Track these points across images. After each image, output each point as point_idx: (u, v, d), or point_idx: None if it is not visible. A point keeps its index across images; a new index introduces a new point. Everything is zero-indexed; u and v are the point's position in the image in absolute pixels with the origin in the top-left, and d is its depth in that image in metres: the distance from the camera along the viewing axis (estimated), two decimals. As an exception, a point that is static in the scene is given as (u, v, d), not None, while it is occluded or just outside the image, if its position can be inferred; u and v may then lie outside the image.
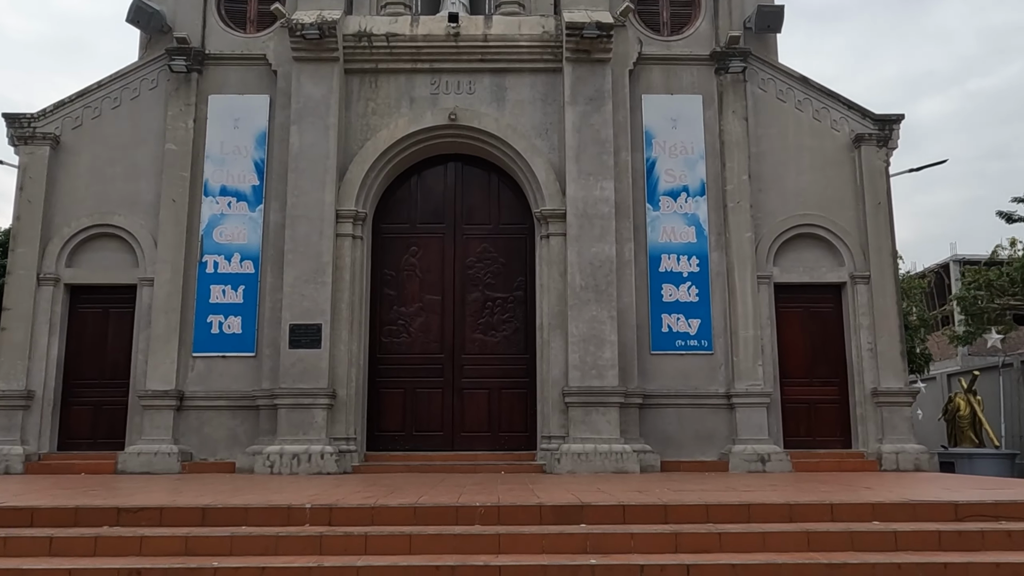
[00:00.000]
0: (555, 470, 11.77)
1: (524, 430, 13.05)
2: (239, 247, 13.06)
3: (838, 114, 13.60)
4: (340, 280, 12.64)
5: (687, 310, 12.98)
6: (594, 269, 12.49)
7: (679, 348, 12.90)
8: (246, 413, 12.65)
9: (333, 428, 12.27)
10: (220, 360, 12.78)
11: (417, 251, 13.50)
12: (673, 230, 13.19)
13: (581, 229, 12.61)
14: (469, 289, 13.41)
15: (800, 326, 13.36)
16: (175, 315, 12.72)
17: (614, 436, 12.02)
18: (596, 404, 12.09)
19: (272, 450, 11.87)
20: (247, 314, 12.89)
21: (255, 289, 12.94)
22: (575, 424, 12.08)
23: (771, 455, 12.26)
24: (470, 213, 13.63)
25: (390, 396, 13.15)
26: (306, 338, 12.30)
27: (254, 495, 7.75)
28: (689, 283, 13.05)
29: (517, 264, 13.50)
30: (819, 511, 6.80)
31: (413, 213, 13.66)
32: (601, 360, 12.24)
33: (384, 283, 13.45)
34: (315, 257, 12.52)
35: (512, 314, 13.34)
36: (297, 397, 12.10)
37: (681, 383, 12.80)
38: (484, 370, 13.17)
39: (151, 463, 12.14)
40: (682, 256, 13.12)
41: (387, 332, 13.31)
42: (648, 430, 12.60)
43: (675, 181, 13.31)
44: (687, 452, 12.62)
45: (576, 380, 12.18)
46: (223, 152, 13.27)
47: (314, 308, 12.39)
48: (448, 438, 13.01)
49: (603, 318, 12.36)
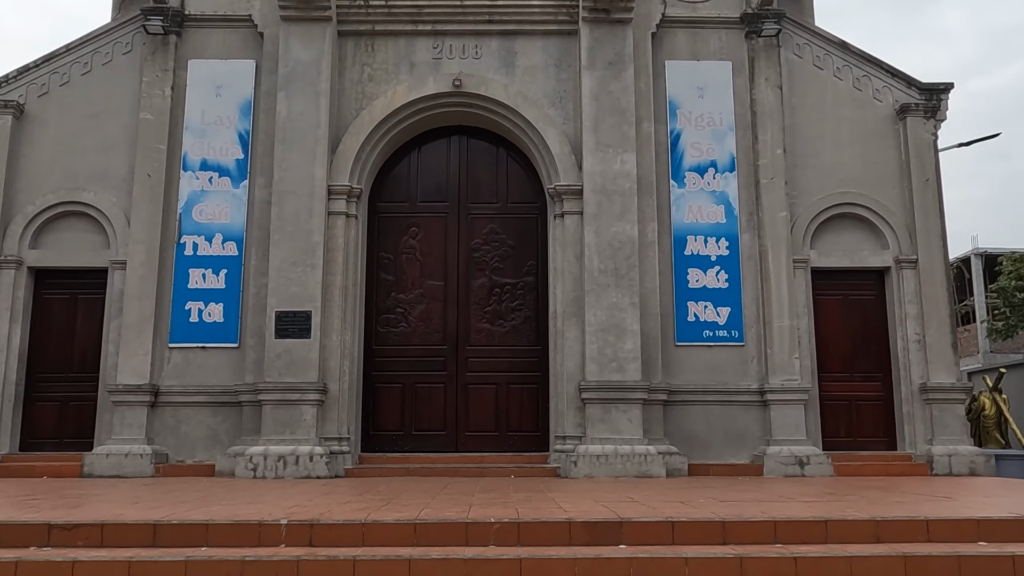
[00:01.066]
0: (571, 474, 10.45)
1: (535, 429, 11.74)
2: (221, 227, 11.73)
3: (880, 83, 12.29)
4: (332, 263, 11.33)
5: (715, 297, 11.67)
6: (614, 251, 11.17)
7: (707, 339, 11.59)
8: (228, 410, 11.33)
9: (324, 427, 10.96)
10: (199, 351, 11.46)
11: (417, 232, 12.18)
12: (700, 209, 11.87)
13: (599, 207, 11.30)
14: (475, 274, 12.09)
15: (839, 315, 12.04)
16: (149, 301, 11.39)
17: (636, 436, 10.70)
18: (616, 401, 10.78)
19: (255, 451, 10.55)
20: (229, 301, 11.56)
21: (238, 273, 11.61)
22: (593, 423, 10.77)
23: (810, 458, 10.94)
24: (476, 190, 12.32)
25: (387, 392, 11.83)
26: (294, 327, 10.98)
27: (223, 506, 6.44)
28: (718, 267, 11.73)
29: (528, 246, 12.18)
30: (911, 528, 5.49)
31: (413, 190, 12.35)
32: (622, 352, 10.93)
33: (381, 267, 12.14)
34: (304, 237, 11.20)
35: (522, 301, 12.03)
36: (283, 392, 10.78)
37: (709, 378, 11.48)
38: (491, 363, 11.85)
39: (121, 465, 10.81)
40: (710, 238, 11.81)
41: (384, 321, 11.99)
42: (673, 429, 11.29)
43: (702, 155, 12.00)
44: (716, 454, 11.31)
45: (594, 374, 10.88)
46: (204, 122, 11.94)
47: (303, 293, 11.07)
48: (451, 438, 11.70)
49: (624, 305, 11.05)
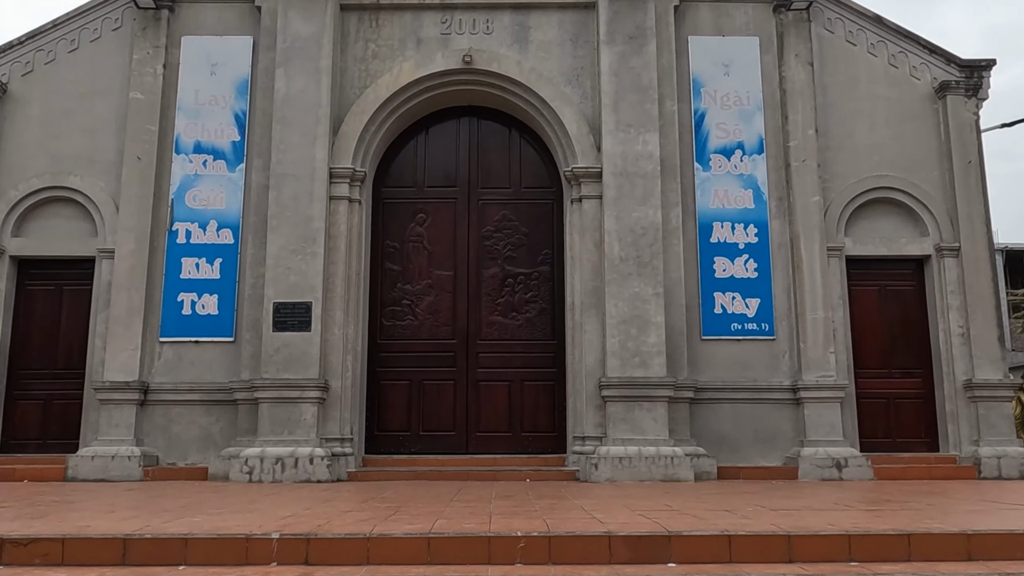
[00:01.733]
0: (591, 478, 9.64)
1: (551, 430, 10.93)
2: (216, 213, 10.94)
3: (918, 59, 11.47)
4: (334, 251, 10.53)
5: (744, 288, 10.86)
6: (636, 237, 10.36)
7: (735, 332, 10.77)
8: (223, 409, 10.53)
9: (325, 427, 10.16)
10: (192, 346, 10.67)
11: (425, 219, 11.39)
12: (726, 194, 11.06)
13: (620, 190, 10.49)
14: (486, 263, 11.28)
15: (876, 307, 11.21)
16: (139, 293, 10.61)
17: (661, 437, 9.89)
18: (640, 398, 9.97)
19: (251, 453, 9.76)
20: (225, 292, 10.77)
21: (234, 262, 10.82)
22: (614, 422, 9.96)
23: (848, 460, 10.11)
24: (487, 175, 11.52)
25: (393, 389, 11.03)
26: (293, 319, 10.19)
27: (209, 515, 5.64)
28: (746, 256, 10.92)
29: (542, 234, 11.37)
30: (1009, 544, 4.68)
31: (420, 175, 11.54)
32: (645, 346, 10.12)
33: (386, 256, 11.34)
34: (304, 223, 10.41)
35: (537, 292, 11.22)
36: (281, 389, 9.98)
37: (738, 374, 10.67)
38: (504, 359, 11.05)
39: (107, 468, 10.01)
40: (737, 224, 11.00)
41: (389, 314, 11.20)
42: (699, 430, 10.47)
43: (728, 136, 11.18)
44: (745, 456, 10.49)
45: (615, 370, 10.07)
46: (198, 102, 11.15)
47: (303, 284, 10.28)
48: (461, 439, 10.90)
49: (647, 295, 10.24)
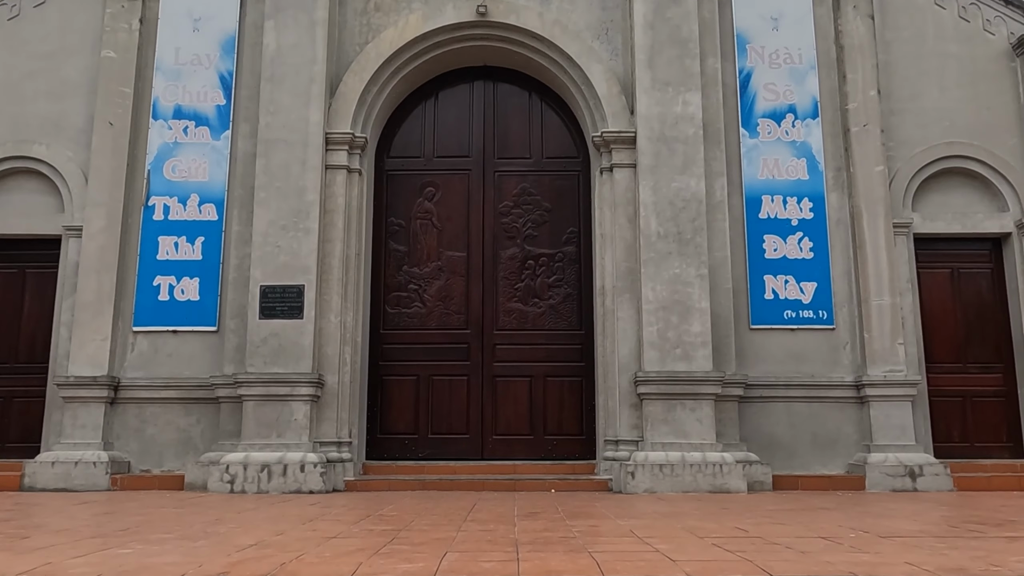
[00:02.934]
0: (628, 488, 8.22)
1: (579, 432, 9.51)
2: (198, 186, 9.58)
3: (992, 12, 10.00)
4: (330, 227, 9.15)
5: (798, 270, 9.42)
6: (676, 211, 8.94)
7: (788, 321, 9.32)
8: (204, 408, 9.15)
9: (319, 429, 8.77)
10: (170, 336, 9.30)
11: (434, 193, 9.99)
12: (777, 163, 9.62)
13: (657, 157, 9.07)
14: (503, 243, 9.88)
15: (948, 292, 9.74)
16: (110, 276, 9.24)
17: (708, 440, 8.46)
18: (682, 396, 8.54)
19: (233, 459, 8.37)
20: (207, 275, 9.40)
21: (218, 241, 9.45)
22: (653, 424, 8.54)
23: (923, 468, 8.64)
24: (504, 143, 10.11)
25: (397, 386, 9.63)
26: (282, 304, 8.81)
27: (146, 545, 4.22)
28: (800, 234, 9.48)
29: (567, 209, 9.96)
30: None
31: (429, 144, 10.15)
32: (688, 335, 8.69)
33: (390, 235, 9.95)
34: (296, 195, 9.03)
35: (561, 276, 9.81)
36: (269, 385, 8.59)
37: (792, 368, 9.23)
38: (524, 351, 9.64)
39: (69, 476, 8.64)
40: (790, 198, 9.56)
41: (394, 300, 9.81)
42: (749, 432, 9.04)
43: (778, 99, 9.75)
44: (803, 462, 9.04)
45: (654, 363, 8.65)
46: (179, 62, 9.80)
47: (294, 264, 8.89)
48: (476, 443, 9.49)
49: (690, 277, 8.81)
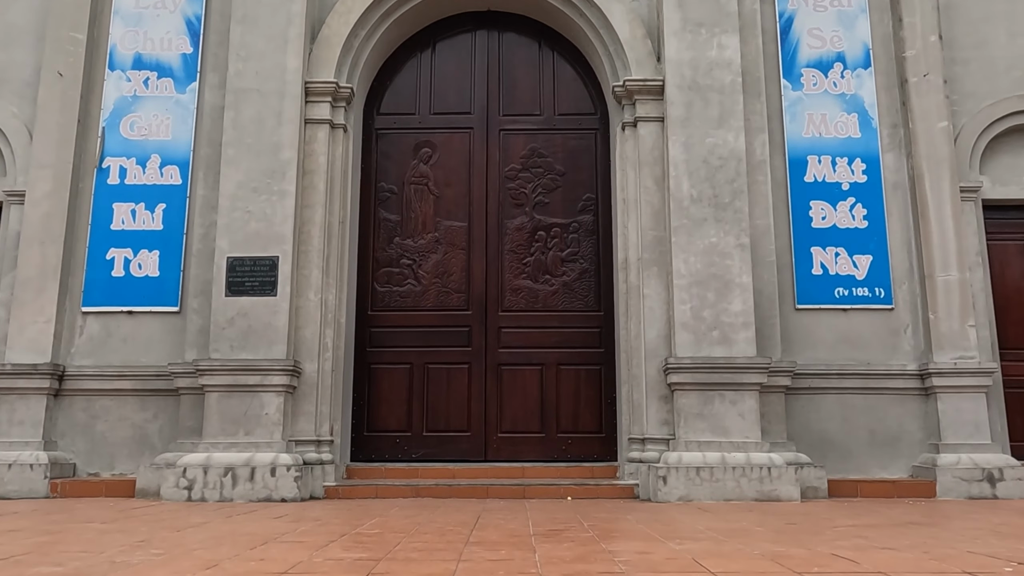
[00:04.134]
0: (659, 496, 6.88)
1: (597, 429, 8.19)
2: (159, 145, 8.25)
3: (1070, -52, 8.68)
4: (310, 191, 7.82)
5: (850, 241, 8.08)
6: (712, 170, 7.61)
7: (840, 300, 8.00)
8: (163, 401, 7.83)
9: (295, 425, 7.44)
10: (125, 318, 7.98)
11: (431, 155, 8.66)
12: (824, 120, 8.29)
13: (690, 109, 7.73)
14: (510, 211, 8.55)
15: (1022, 267, 8.44)
16: (55, 248, 7.92)
17: (752, 438, 7.13)
18: (722, 387, 7.20)
19: (192, 461, 7.04)
20: (169, 247, 8.08)
21: (182, 208, 8.13)
22: (687, 419, 7.20)
23: (1004, 471, 7.29)
24: (511, 98, 8.78)
25: (388, 375, 8.31)
26: (253, 279, 7.47)
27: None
28: (852, 200, 8.15)
29: (583, 172, 8.62)
30: None
31: (425, 99, 8.82)
32: (727, 315, 7.36)
33: (380, 202, 8.62)
34: (270, 152, 7.69)
35: (576, 248, 8.48)
36: (236, 374, 7.26)
37: (845, 354, 7.90)
38: (533, 335, 8.32)
39: (2, 481, 7.32)
40: (839, 159, 8.22)
41: (384, 277, 8.48)
42: (796, 429, 7.72)
43: (824, 46, 8.42)
44: (859, 464, 7.71)
45: (687, 347, 7.31)
46: (139, 5, 8.46)
47: (267, 232, 7.56)
48: (478, 442, 8.16)
49: (728, 247, 7.48)
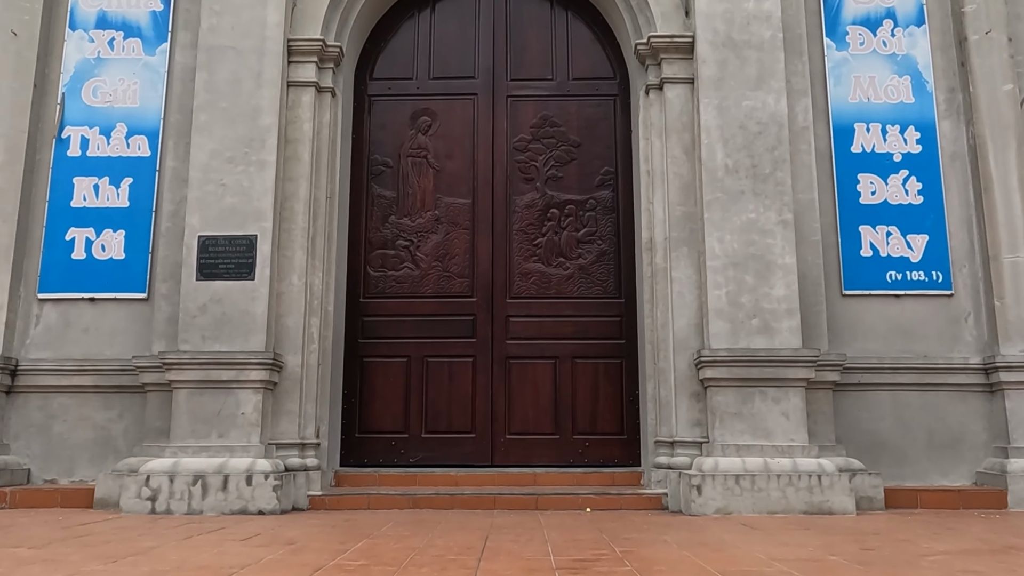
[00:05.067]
0: (693, 507, 5.94)
1: (618, 430, 7.23)
2: (126, 113, 7.32)
3: None
4: (293, 162, 6.88)
5: (903, 218, 7.12)
6: (749, 138, 6.65)
7: (892, 285, 7.04)
8: (129, 399, 6.89)
9: (276, 426, 6.51)
10: (87, 306, 7.05)
11: (430, 124, 7.72)
12: (872, 83, 7.33)
13: (724, 68, 6.78)
14: (519, 187, 7.61)
15: (1095, 249, 7.47)
16: (8, 227, 6.98)
17: (798, 441, 6.18)
18: (763, 382, 6.25)
19: (157, 468, 6.10)
20: (136, 226, 7.14)
21: (151, 183, 7.19)
22: (723, 419, 6.25)
23: (1084, 477, 6.40)
24: (520, 61, 7.83)
25: (383, 370, 7.36)
26: (227, 261, 6.54)
27: None
28: (904, 172, 7.19)
29: (601, 143, 7.67)
30: None
31: (424, 62, 7.87)
32: (768, 300, 6.41)
33: (374, 176, 7.68)
34: (247, 118, 6.75)
35: (594, 227, 7.53)
36: (208, 368, 6.33)
37: (899, 346, 6.94)
38: (546, 325, 7.37)
39: (-58, 489, 6.43)
40: (890, 127, 7.26)
41: (378, 260, 7.54)
42: (845, 430, 6.76)
43: (872, 1, 7.44)
44: (915, 470, 6.75)
45: (723, 338, 6.36)
46: (102, -43, 7.57)
47: (243, 208, 6.62)
48: (484, 444, 7.22)
49: (769, 224, 6.53)
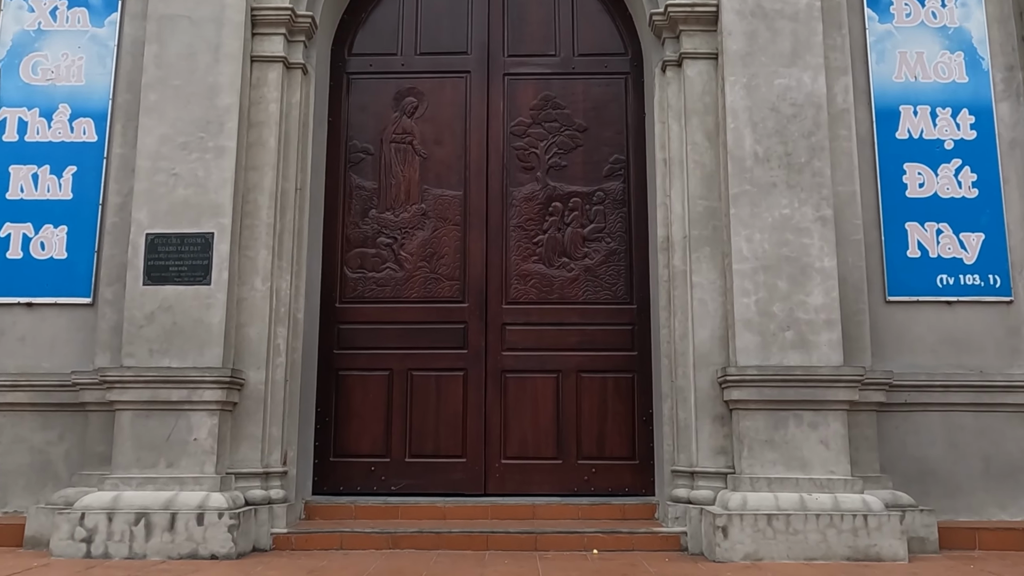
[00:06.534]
0: (718, 552, 5.05)
1: (629, 454, 6.33)
2: (70, 92, 6.40)
3: None
4: (258, 148, 5.96)
5: (956, 214, 6.21)
6: (783, 121, 5.73)
7: (943, 290, 6.13)
8: (71, 419, 5.98)
9: (235, 453, 5.61)
10: (23, 312, 6.14)
11: (417, 105, 6.78)
12: (920, 60, 6.41)
13: (753, 41, 5.85)
14: (517, 177, 6.68)
15: None
16: (-66, 222, 6.14)
17: (840, 474, 5.28)
18: (799, 405, 5.35)
19: (94, 504, 5.19)
20: (80, 221, 6.23)
21: (98, 172, 6.28)
22: (752, 448, 5.36)
23: None
24: (518, 35, 6.89)
25: (361, 385, 6.45)
26: (179, 262, 5.62)
27: None
28: (957, 161, 6.27)
29: (610, 127, 6.73)
30: None
31: (409, 35, 6.93)
32: (805, 310, 5.50)
33: (352, 165, 6.75)
34: (204, 97, 5.83)
35: (602, 223, 6.61)
36: (155, 387, 5.43)
37: (950, 359, 6.02)
38: (547, 334, 6.46)
39: None
40: (940, 109, 6.34)
41: (356, 260, 6.62)
42: (888, 456, 5.87)
43: (919, -33, 6.56)
44: (969, 503, 5.85)
45: (752, 353, 5.44)
46: (45, -84, 6.64)
47: (199, 201, 5.71)
48: (476, 470, 6.31)
49: (805, 221, 5.61)
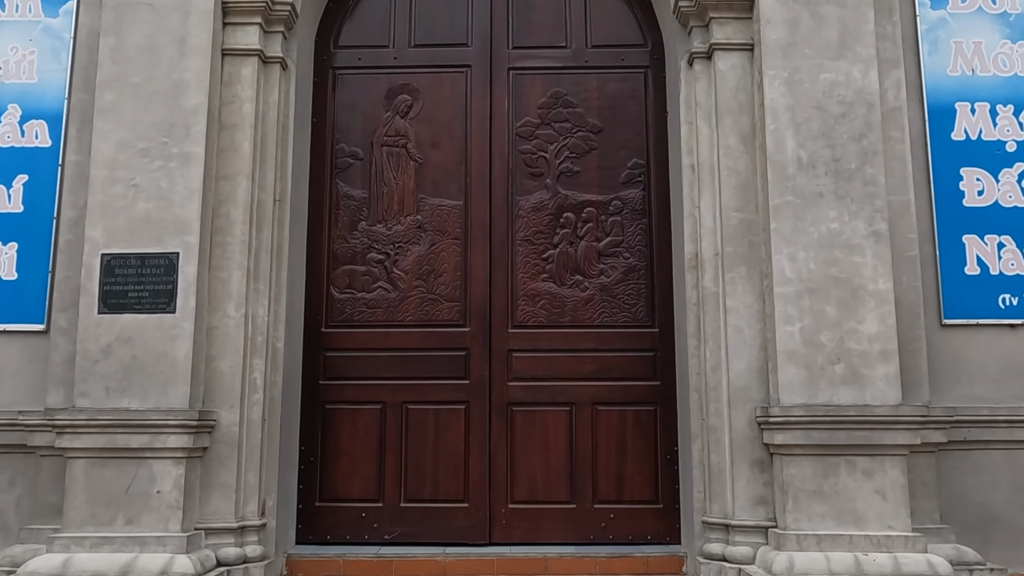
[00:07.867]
0: (761, 625, 4.37)
1: (652, 497, 5.61)
2: (20, 92, 5.66)
3: None
4: (230, 154, 5.22)
5: (1020, 226, 5.49)
6: (830, 121, 5.00)
7: (1006, 312, 5.40)
8: (23, 463, 5.25)
9: (205, 507, 4.87)
10: (-31, 340, 5.46)
11: (411, 104, 6.04)
12: (978, 50, 5.68)
13: (795, 29, 5.11)
14: (524, 184, 5.94)
15: None
16: None
17: (899, 529, 4.56)
18: (851, 450, 4.63)
19: (41, 569, 4.46)
20: (32, 237, 5.50)
21: (52, 182, 5.54)
22: (797, 499, 4.65)
23: None
24: (525, 25, 6.14)
25: (351, 420, 5.72)
26: (140, 287, 4.89)
27: None
28: (1020, 165, 5.53)
29: (628, 126, 5.99)
30: None
31: (402, 27, 6.17)
32: (857, 339, 4.77)
33: (339, 171, 6.00)
34: (167, 96, 5.08)
35: (620, 236, 5.88)
36: (112, 431, 4.69)
37: (1015, 391, 5.30)
38: (559, 362, 5.74)
39: None
40: (1002, 107, 5.61)
41: (344, 278, 5.89)
42: (947, 501, 5.19)
43: (975, -54, 5.82)
44: (1038, 554, 5.21)
45: (797, 389, 4.72)
46: None
47: (162, 217, 4.97)
48: (480, 516, 5.60)
49: (856, 237, 4.88)
